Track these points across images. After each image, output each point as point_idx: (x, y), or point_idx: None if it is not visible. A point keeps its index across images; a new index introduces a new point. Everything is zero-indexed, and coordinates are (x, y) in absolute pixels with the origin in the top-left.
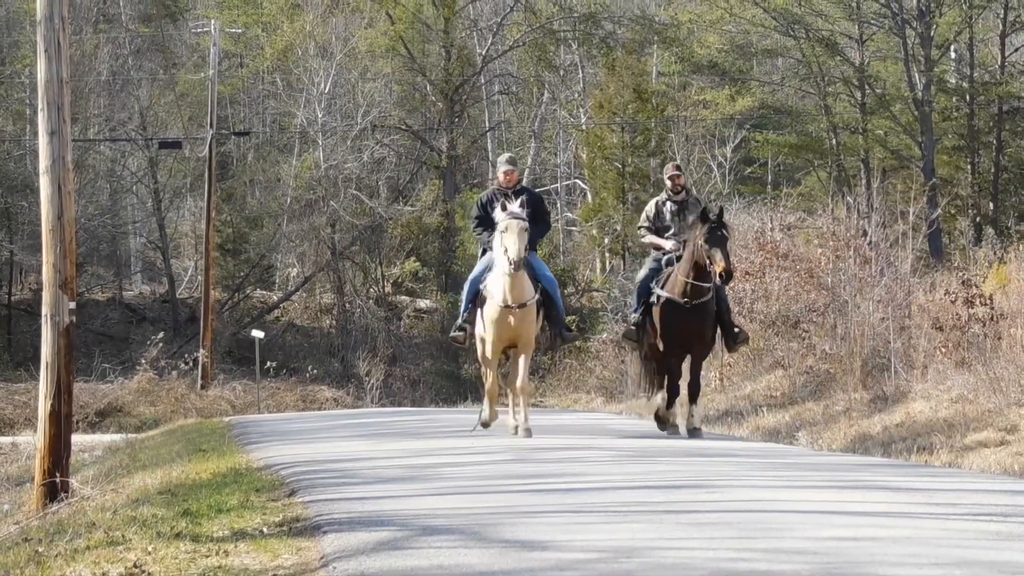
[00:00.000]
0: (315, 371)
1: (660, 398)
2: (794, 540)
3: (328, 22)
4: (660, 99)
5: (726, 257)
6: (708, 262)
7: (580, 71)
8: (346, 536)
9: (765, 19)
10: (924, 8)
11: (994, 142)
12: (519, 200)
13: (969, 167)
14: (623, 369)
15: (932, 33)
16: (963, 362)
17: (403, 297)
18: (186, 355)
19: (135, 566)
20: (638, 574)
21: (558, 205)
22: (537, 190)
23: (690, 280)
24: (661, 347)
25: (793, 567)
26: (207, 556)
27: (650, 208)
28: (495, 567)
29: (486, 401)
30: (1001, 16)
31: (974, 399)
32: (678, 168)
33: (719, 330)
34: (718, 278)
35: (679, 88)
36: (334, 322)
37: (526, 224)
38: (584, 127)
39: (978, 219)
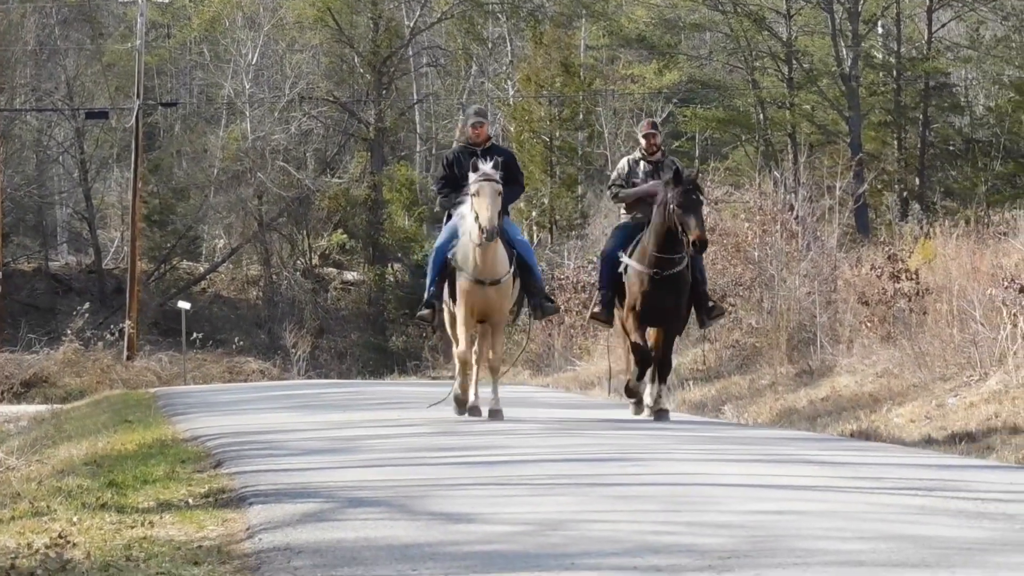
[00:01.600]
0: (241, 343)
1: (631, 371)
2: (719, 514)
3: None
4: (588, 72)
5: (700, 224)
6: (680, 229)
7: (508, 44)
8: (272, 508)
9: None
10: None
11: (920, 118)
12: (492, 160)
13: (895, 142)
14: (550, 343)
15: (860, 8)
16: (888, 337)
17: (330, 269)
18: (112, 326)
19: (60, 536)
20: (564, 547)
21: None
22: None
23: (661, 250)
24: (630, 320)
25: (718, 540)
26: (132, 527)
27: (622, 165)
28: (421, 539)
29: (459, 373)
30: None
31: (899, 374)
32: (654, 126)
33: (693, 303)
34: (691, 247)
35: (607, 62)
36: (261, 294)
37: (500, 187)
38: (512, 100)
39: (904, 194)
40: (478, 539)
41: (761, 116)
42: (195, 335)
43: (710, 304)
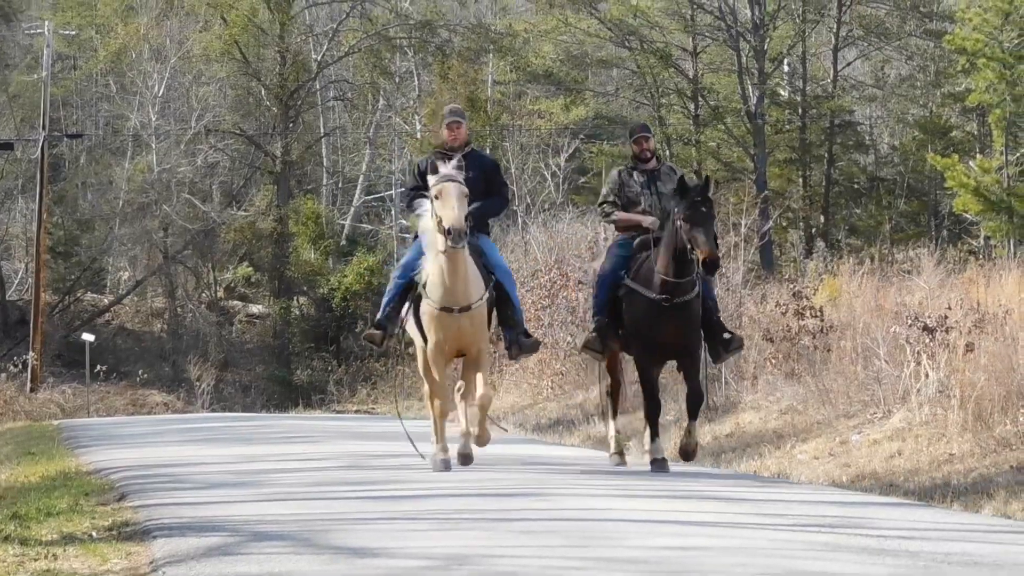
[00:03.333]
0: (145, 375)
1: (614, 428)
2: (625, 549)
3: (162, 25)
4: (495, 107)
5: (711, 241)
6: (690, 247)
7: (416, 78)
8: (176, 541)
9: (600, 30)
10: (758, 22)
11: (825, 155)
12: (455, 159)
13: (800, 180)
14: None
15: (766, 46)
16: (793, 373)
17: (235, 302)
18: (15, 357)
19: None
20: None
21: (392, 212)
22: (370, 196)
23: (670, 273)
24: (636, 354)
25: None
26: (35, 559)
27: (612, 178)
28: (326, 574)
29: (433, 425)
30: (834, 31)
31: (803, 410)
32: (646, 128)
33: (705, 335)
34: (700, 266)
35: (514, 97)
36: (165, 326)
37: (465, 188)
38: (419, 134)
39: (809, 231)
40: (383, 574)
41: (667, 152)
42: (99, 367)
43: (726, 335)
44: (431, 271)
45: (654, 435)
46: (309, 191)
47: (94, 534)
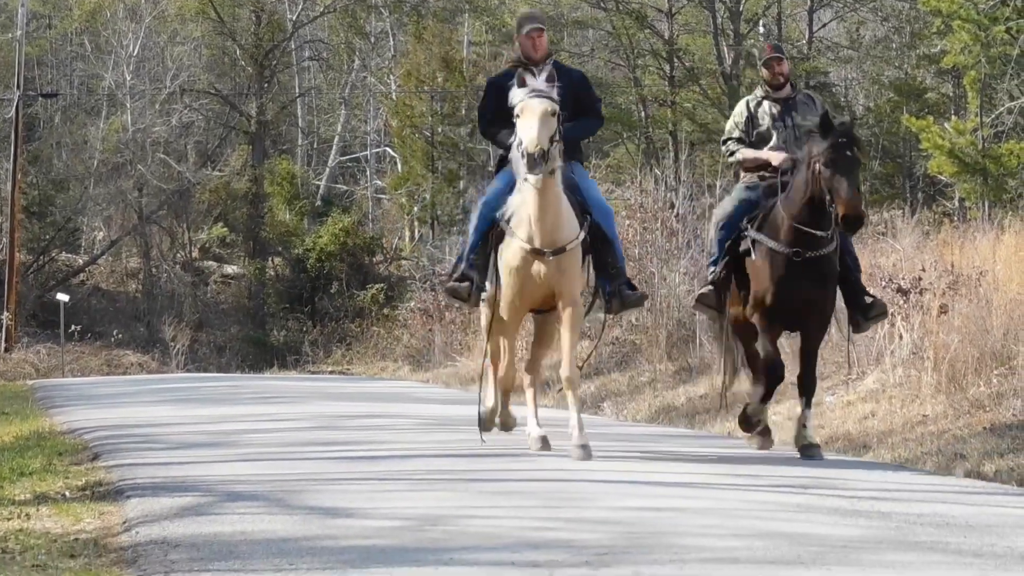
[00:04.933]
0: (120, 335)
1: (748, 390)
2: (598, 510)
3: None
4: (470, 68)
5: (856, 191)
6: (829, 197)
7: (391, 38)
8: (149, 501)
9: None
10: None
11: None
12: (544, 73)
13: None
14: (430, 338)
15: (741, 7)
16: None
17: (210, 263)
18: None
19: None
20: (442, 542)
21: (367, 173)
22: (346, 156)
23: (803, 223)
24: (757, 318)
25: (596, 536)
26: (8, 519)
27: (739, 111)
28: (298, 534)
29: (490, 389)
30: None
31: None
32: (778, 49)
33: (843, 297)
34: (840, 223)
35: (490, 58)
36: (140, 286)
37: (554, 106)
38: (393, 95)
39: None
40: (356, 534)
41: (643, 114)
42: (73, 327)
43: (868, 299)
44: (519, 205)
45: (766, 399)
46: (284, 151)
47: (67, 494)
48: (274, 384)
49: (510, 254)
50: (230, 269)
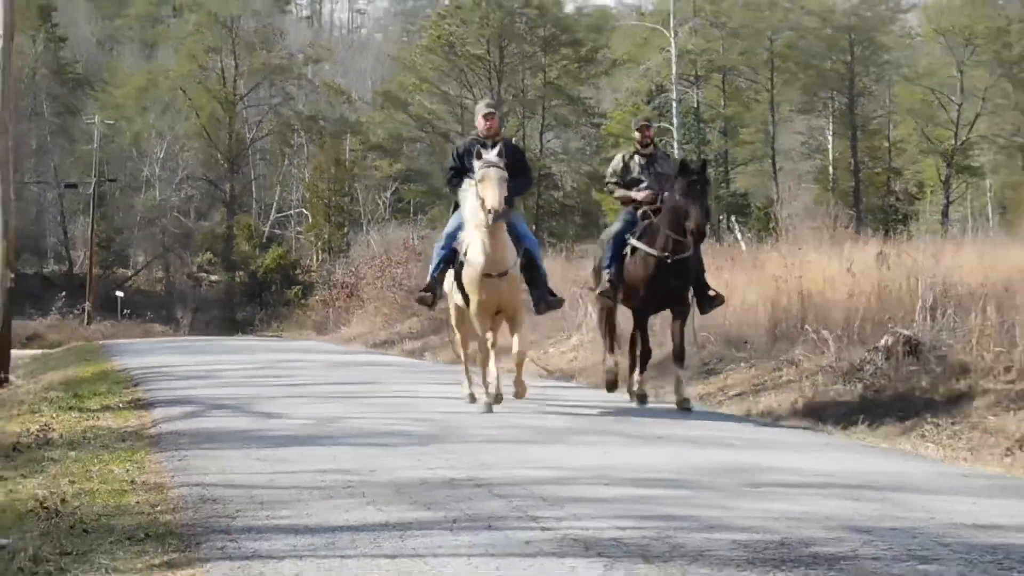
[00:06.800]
0: (151, 316)
1: (613, 361)
2: (422, 413)
3: (163, 118)
4: (350, 164)
5: (703, 213)
6: (685, 217)
7: (305, 147)
8: (166, 409)
9: (407, 120)
10: None
11: None
12: (496, 148)
13: None
14: (327, 315)
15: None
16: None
17: (203, 274)
18: (77, 306)
19: (46, 425)
20: (333, 433)
21: (292, 223)
22: (280, 213)
23: (671, 233)
24: (635, 304)
25: (421, 428)
26: (87, 420)
27: (617, 163)
28: (252, 428)
29: (492, 370)
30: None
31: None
32: (648, 120)
33: (693, 290)
34: (690, 235)
35: (361, 158)
36: (163, 288)
37: (505, 174)
38: (307, 179)
39: None
40: (284, 428)
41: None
42: (125, 311)
43: (711, 293)
44: (473, 242)
45: (642, 371)
46: (245, 211)
47: (120, 405)
48: (239, 343)
49: (470, 278)
50: (215, 277)
